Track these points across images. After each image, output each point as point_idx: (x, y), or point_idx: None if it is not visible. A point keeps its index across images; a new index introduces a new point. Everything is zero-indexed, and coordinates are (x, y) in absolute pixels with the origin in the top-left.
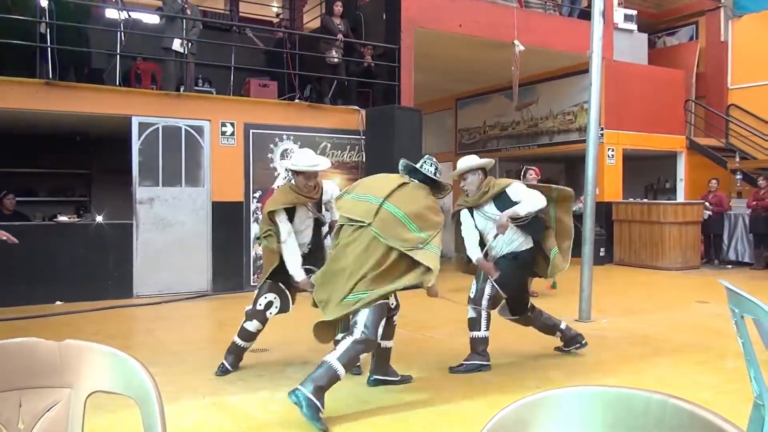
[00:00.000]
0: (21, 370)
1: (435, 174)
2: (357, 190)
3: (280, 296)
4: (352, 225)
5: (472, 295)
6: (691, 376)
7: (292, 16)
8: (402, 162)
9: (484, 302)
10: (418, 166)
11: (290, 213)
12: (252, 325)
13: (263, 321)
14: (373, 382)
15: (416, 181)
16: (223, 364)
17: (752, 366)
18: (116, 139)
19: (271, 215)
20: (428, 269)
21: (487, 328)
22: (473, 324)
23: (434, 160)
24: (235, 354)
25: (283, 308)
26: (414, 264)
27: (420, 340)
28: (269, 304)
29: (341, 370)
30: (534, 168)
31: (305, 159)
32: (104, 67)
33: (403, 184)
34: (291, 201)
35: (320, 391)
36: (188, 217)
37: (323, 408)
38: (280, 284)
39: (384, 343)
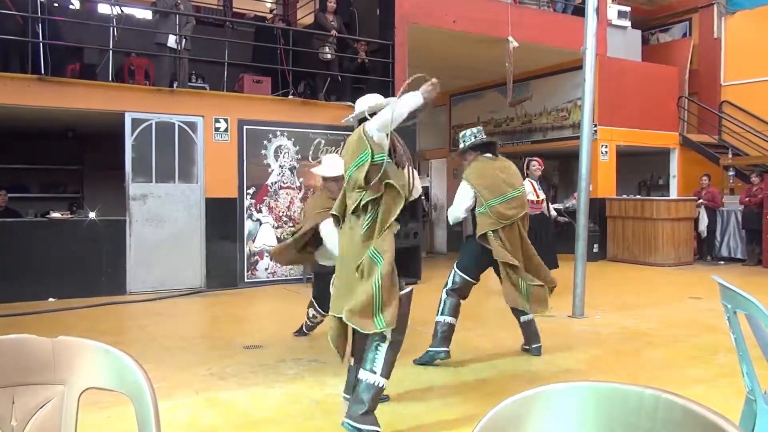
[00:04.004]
0: (14, 367)
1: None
2: (492, 194)
3: None
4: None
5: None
6: (684, 371)
7: (286, 11)
8: (476, 140)
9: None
10: (486, 139)
11: None
12: None
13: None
14: None
15: (497, 155)
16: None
17: (744, 361)
18: (109, 135)
19: None
20: None
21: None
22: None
23: (467, 133)
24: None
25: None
26: None
27: (411, 336)
28: None
29: None
30: (537, 159)
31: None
32: (97, 63)
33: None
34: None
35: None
36: (182, 213)
37: None
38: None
39: None
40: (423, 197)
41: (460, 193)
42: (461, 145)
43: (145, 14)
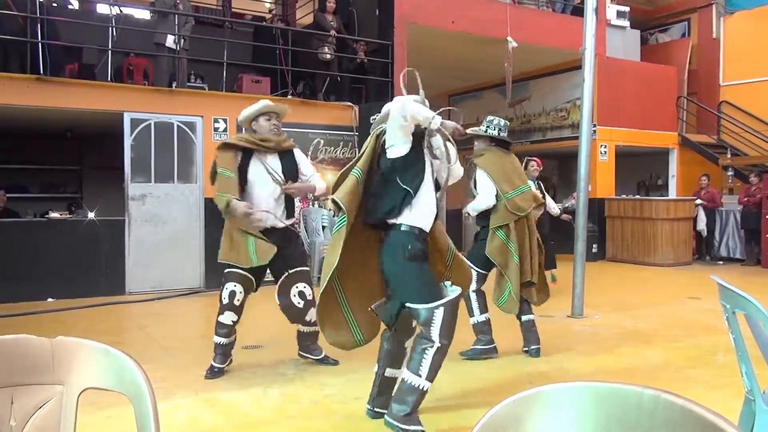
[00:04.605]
0: (13, 367)
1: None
2: (510, 187)
3: (240, 282)
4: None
5: None
6: (683, 371)
7: (285, 11)
8: (497, 135)
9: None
10: (507, 138)
11: (244, 166)
12: (225, 318)
13: (235, 311)
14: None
15: (505, 149)
16: (212, 365)
17: (743, 361)
18: (108, 135)
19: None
20: None
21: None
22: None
23: (494, 121)
24: (221, 353)
25: (248, 290)
26: None
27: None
28: (232, 294)
29: None
30: (536, 159)
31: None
32: (96, 63)
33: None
34: (246, 140)
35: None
36: (181, 213)
37: None
38: (238, 270)
39: None
40: None
41: (484, 184)
42: (484, 128)
43: (144, 14)
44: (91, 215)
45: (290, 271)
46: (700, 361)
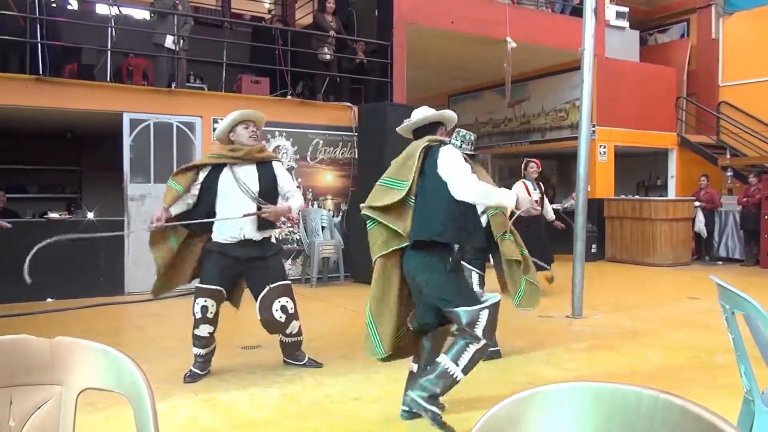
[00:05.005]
0: (12, 368)
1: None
2: None
3: (210, 296)
4: None
5: None
6: (682, 371)
7: (284, 12)
8: (468, 150)
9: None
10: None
11: (213, 180)
12: (201, 330)
13: (210, 323)
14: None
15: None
16: (192, 371)
17: (742, 362)
18: (107, 136)
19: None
20: None
21: None
22: None
23: (467, 137)
24: (203, 362)
25: (219, 301)
26: None
27: None
28: (204, 309)
29: None
30: (535, 160)
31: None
32: (95, 63)
33: None
34: (216, 157)
35: None
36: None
37: None
38: (208, 286)
39: None
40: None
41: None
42: (458, 143)
43: (143, 14)
44: (90, 215)
45: (271, 286)
46: (700, 361)
